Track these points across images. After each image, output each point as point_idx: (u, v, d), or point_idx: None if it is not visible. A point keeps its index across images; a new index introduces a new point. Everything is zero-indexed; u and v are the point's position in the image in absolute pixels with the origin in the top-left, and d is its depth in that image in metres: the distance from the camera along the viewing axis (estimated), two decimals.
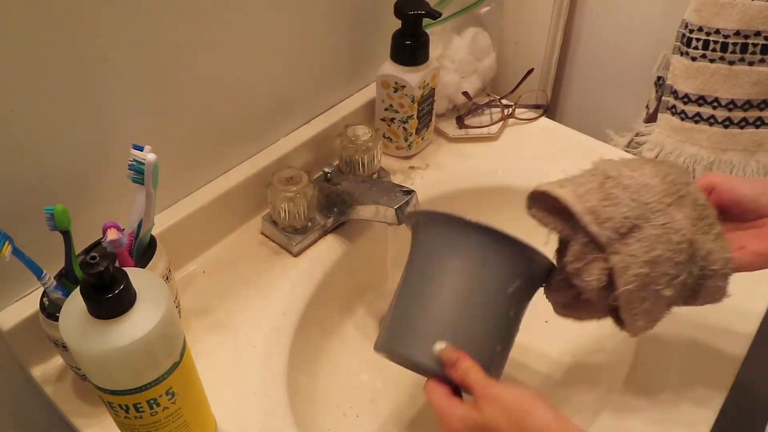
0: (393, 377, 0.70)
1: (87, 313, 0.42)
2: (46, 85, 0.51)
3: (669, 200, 0.46)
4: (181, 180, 0.67)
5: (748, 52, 0.77)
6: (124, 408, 0.45)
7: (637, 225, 0.45)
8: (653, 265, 0.46)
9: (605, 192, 0.46)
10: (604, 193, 0.46)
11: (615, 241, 0.46)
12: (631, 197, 0.46)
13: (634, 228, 0.45)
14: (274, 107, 0.73)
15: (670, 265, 0.46)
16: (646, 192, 0.46)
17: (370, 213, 0.67)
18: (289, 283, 0.68)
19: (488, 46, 0.90)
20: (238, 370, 0.60)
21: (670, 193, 0.47)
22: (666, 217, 0.46)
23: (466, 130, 0.88)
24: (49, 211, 0.48)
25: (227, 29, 0.63)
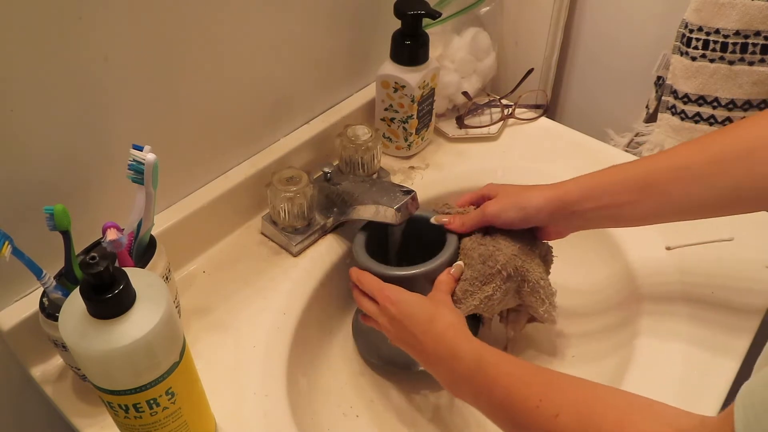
0: (393, 377, 0.70)
1: (87, 313, 0.42)
2: (46, 85, 0.51)
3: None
4: (181, 180, 0.67)
5: (748, 52, 0.77)
6: (124, 408, 0.45)
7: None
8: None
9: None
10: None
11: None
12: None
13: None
14: (274, 107, 0.73)
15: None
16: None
17: (370, 213, 0.67)
18: (289, 283, 0.68)
19: (488, 46, 0.90)
20: (238, 370, 0.60)
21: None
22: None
23: (466, 130, 0.88)
24: (49, 211, 0.48)
25: (227, 29, 0.63)
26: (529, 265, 0.61)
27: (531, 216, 0.60)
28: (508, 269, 0.60)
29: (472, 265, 0.61)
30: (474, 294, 0.60)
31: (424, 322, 0.55)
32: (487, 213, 0.62)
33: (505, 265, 0.60)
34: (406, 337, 0.57)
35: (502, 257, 0.60)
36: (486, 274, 0.60)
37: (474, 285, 0.60)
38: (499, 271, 0.60)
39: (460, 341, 0.53)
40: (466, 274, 0.61)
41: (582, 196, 0.59)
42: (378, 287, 0.60)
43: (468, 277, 0.61)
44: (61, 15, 0.49)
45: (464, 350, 0.52)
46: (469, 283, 0.61)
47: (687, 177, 0.54)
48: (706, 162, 0.54)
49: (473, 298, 0.60)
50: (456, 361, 0.52)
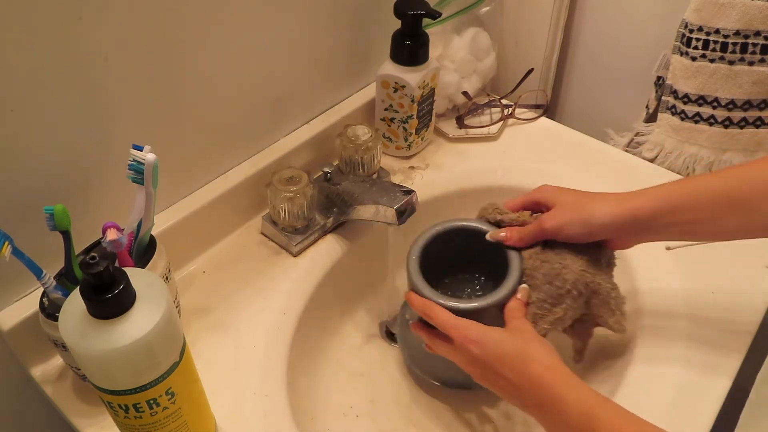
0: (393, 377, 0.70)
1: (87, 313, 0.42)
2: (46, 85, 0.51)
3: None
4: (181, 180, 0.67)
5: (748, 52, 0.77)
6: (124, 408, 0.45)
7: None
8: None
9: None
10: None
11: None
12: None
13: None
14: (274, 107, 0.73)
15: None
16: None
17: (370, 213, 0.67)
18: (289, 283, 0.68)
19: (488, 46, 0.90)
20: (238, 370, 0.60)
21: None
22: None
23: (466, 130, 0.88)
24: (49, 211, 0.48)
25: (227, 29, 0.63)
26: (599, 277, 0.58)
27: (596, 233, 0.57)
28: (578, 287, 0.56)
29: (538, 287, 0.57)
30: (544, 317, 0.57)
31: (518, 364, 0.50)
32: (546, 229, 0.58)
33: (575, 284, 0.56)
34: (496, 380, 0.52)
35: (570, 275, 0.56)
36: (555, 295, 0.57)
37: (543, 308, 0.57)
38: (569, 291, 0.56)
39: (564, 389, 0.48)
40: (531, 296, 0.57)
41: (657, 212, 0.54)
42: (453, 324, 0.54)
43: (535, 300, 0.57)
44: (61, 15, 0.49)
45: (570, 401, 0.47)
46: (537, 306, 0.57)
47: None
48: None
49: (544, 322, 0.57)
50: (560, 413, 0.47)
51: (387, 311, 0.76)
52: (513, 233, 0.60)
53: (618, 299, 0.59)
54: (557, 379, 0.48)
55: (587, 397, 0.47)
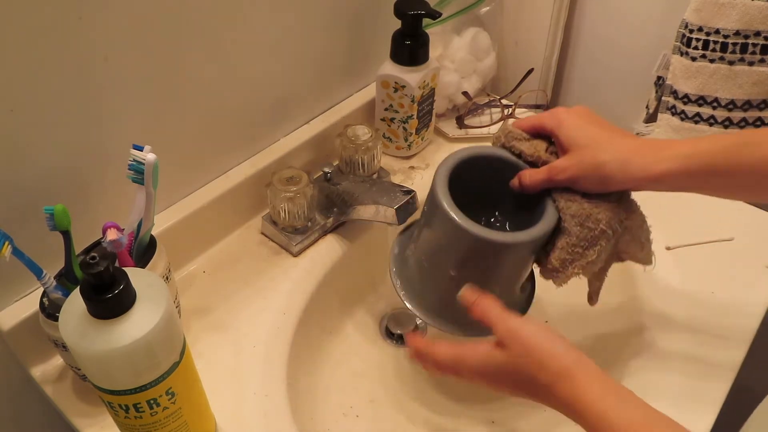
0: (393, 377, 0.70)
1: (87, 313, 0.42)
2: (46, 85, 0.51)
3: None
4: (181, 180, 0.67)
5: (748, 52, 0.77)
6: (124, 408, 0.45)
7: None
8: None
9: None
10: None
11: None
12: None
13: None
14: (274, 107, 0.73)
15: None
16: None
17: (370, 213, 0.67)
18: (289, 283, 0.68)
19: (488, 46, 0.90)
20: (238, 370, 0.60)
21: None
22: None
23: (466, 130, 0.88)
24: (49, 211, 0.48)
25: (227, 29, 0.63)
26: (632, 213, 0.53)
27: (615, 190, 0.52)
28: (613, 226, 0.52)
29: (567, 230, 0.52)
30: (574, 262, 0.53)
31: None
32: (557, 182, 0.53)
33: (610, 223, 0.51)
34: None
35: (603, 214, 0.51)
36: (587, 237, 0.52)
37: (574, 252, 0.52)
38: (604, 231, 0.51)
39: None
40: (560, 241, 0.53)
41: (687, 180, 0.49)
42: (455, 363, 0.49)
43: (564, 244, 0.52)
44: (61, 15, 0.49)
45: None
46: (567, 251, 0.52)
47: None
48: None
49: (573, 267, 0.53)
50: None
51: (387, 311, 0.76)
52: (525, 179, 0.55)
53: (648, 231, 0.56)
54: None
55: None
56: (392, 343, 0.74)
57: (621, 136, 0.52)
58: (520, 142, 0.56)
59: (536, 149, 0.55)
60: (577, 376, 0.43)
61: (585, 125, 0.53)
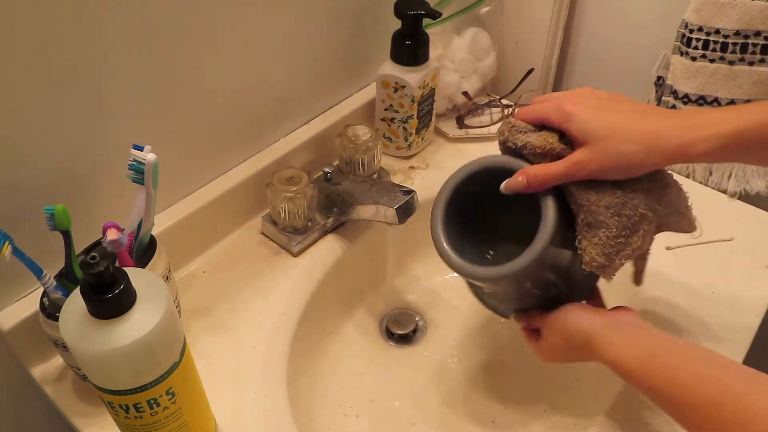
0: (393, 377, 0.70)
1: (87, 313, 0.42)
2: (47, 85, 0.51)
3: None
4: (181, 180, 0.67)
5: (748, 52, 0.77)
6: (124, 408, 0.45)
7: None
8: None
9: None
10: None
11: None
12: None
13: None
14: (274, 107, 0.73)
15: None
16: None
17: (370, 213, 0.67)
18: (289, 283, 0.68)
19: (488, 46, 0.90)
20: (238, 370, 0.60)
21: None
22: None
23: (466, 130, 0.88)
24: (49, 211, 0.48)
25: (227, 29, 0.63)
26: (667, 187, 0.51)
27: (643, 173, 0.50)
28: (652, 207, 0.49)
29: (604, 222, 0.49)
30: (620, 252, 0.50)
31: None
32: (579, 174, 0.49)
33: (648, 206, 0.49)
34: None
35: (639, 199, 0.49)
36: (628, 225, 0.49)
37: (618, 243, 0.50)
38: (644, 215, 0.49)
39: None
40: (599, 236, 0.50)
41: (719, 158, 0.48)
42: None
43: (605, 238, 0.49)
44: (61, 15, 0.49)
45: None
46: (609, 244, 0.50)
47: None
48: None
49: (620, 257, 0.50)
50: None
51: (387, 311, 0.76)
52: (533, 178, 0.50)
53: (686, 199, 0.54)
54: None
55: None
56: (392, 343, 0.74)
57: (642, 114, 0.49)
58: (527, 134, 0.51)
59: (547, 141, 0.51)
60: (596, 340, 0.50)
61: (598, 114, 0.49)
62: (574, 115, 0.50)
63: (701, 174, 0.85)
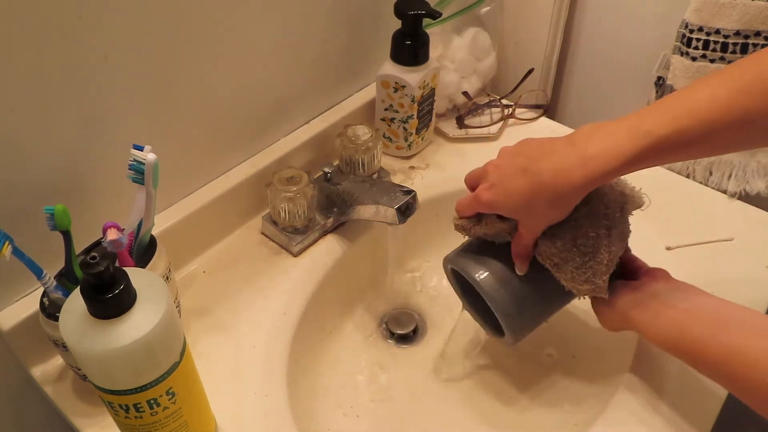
0: (393, 377, 0.70)
1: (87, 313, 0.42)
2: (46, 84, 0.51)
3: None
4: (181, 180, 0.67)
5: (749, 53, 0.77)
6: (124, 408, 0.45)
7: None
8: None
9: None
10: None
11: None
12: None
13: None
14: (274, 107, 0.73)
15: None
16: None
17: (370, 213, 0.67)
18: (289, 283, 0.68)
19: (488, 46, 0.90)
20: (238, 370, 0.60)
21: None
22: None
23: (466, 130, 0.88)
24: (50, 211, 0.48)
25: (227, 29, 0.63)
26: (603, 197, 0.54)
27: (572, 207, 0.53)
28: (597, 225, 0.53)
29: (566, 259, 0.54)
30: (596, 272, 0.54)
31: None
32: (530, 245, 0.55)
33: (594, 225, 0.53)
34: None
35: (585, 225, 0.53)
36: (588, 251, 0.53)
37: (589, 268, 0.54)
38: (596, 235, 0.53)
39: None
40: (570, 271, 0.54)
41: (636, 166, 0.49)
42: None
43: (575, 270, 0.54)
44: (61, 15, 0.49)
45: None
46: (581, 273, 0.54)
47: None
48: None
49: (598, 276, 0.54)
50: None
51: (387, 311, 0.76)
52: (516, 258, 0.57)
53: (621, 185, 0.56)
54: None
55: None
56: (392, 343, 0.74)
57: (545, 156, 0.51)
58: (476, 227, 0.58)
59: (494, 226, 0.56)
60: (632, 319, 0.54)
61: (509, 189, 0.52)
62: (493, 203, 0.54)
63: (701, 174, 0.85)
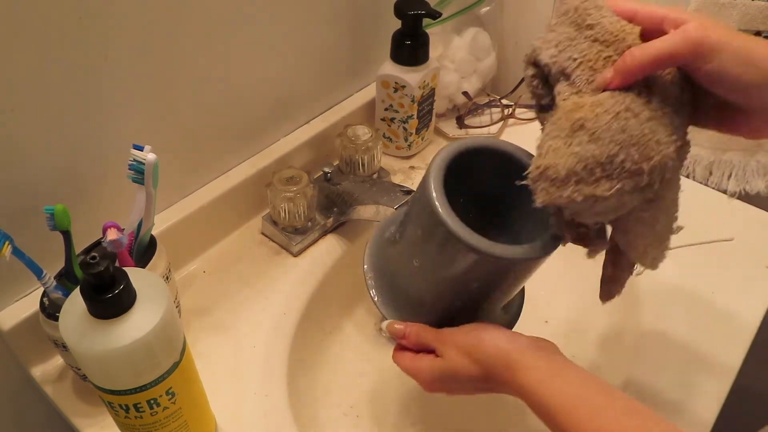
0: (393, 377, 0.70)
1: (87, 313, 0.42)
2: (46, 84, 0.51)
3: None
4: (181, 180, 0.67)
5: None
6: (125, 408, 0.45)
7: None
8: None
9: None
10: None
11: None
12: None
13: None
14: (274, 107, 0.73)
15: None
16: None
17: (370, 213, 0.67)
18: (289, 283, 0.68)
19: (488, 46, 0.90)
20: (238, 370, 0.60)
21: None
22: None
23: (466, 130, 0.88)
24: (50, 211, 0.48)
25: (227, 29, 0.63)
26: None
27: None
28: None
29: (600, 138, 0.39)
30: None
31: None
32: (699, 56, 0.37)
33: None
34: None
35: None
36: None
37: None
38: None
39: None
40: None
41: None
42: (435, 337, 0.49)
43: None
44: (61, 15, 0.49)
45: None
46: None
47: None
48: None
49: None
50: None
51: None
52: (631, 60, 0.38)
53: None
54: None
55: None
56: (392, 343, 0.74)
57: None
58: (600, 13, 0.39)
59: (624, 30, 0.39)
60: (519, 363, 0.45)
61: (750, 64, 0.38)
62: (719, 58, 0.38)
63: (701, 174, 0.85)
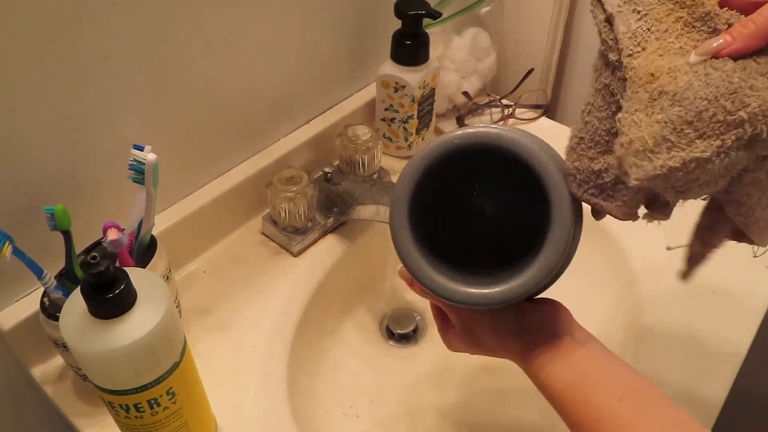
0: (393, 377, 0.70)
1: (87, 313, 0.42)
2: (46, 84, 0.51)
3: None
4: (181, 180, 0.67)
5: None
6: (125, 408, 0.45)
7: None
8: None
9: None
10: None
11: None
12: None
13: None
14: (274, 107, 0.73)
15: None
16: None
17: (370, 213, 0.67)
18: (289, 283, 0.68)
19: (488, 46, 0.90)
20: (238, 370, 0.60)
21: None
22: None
23: None
24: (50, 211, 0.48)
25: (227, 29, 0.63)
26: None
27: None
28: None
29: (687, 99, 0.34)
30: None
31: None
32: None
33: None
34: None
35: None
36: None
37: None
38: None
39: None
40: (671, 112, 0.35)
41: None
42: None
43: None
44: (61, 15, 0.49)
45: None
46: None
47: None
48: None
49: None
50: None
51: (387, 311, 0.77)
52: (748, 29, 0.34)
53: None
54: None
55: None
56: (392, 342, 0.74)
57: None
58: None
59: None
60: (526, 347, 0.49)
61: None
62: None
63: None
